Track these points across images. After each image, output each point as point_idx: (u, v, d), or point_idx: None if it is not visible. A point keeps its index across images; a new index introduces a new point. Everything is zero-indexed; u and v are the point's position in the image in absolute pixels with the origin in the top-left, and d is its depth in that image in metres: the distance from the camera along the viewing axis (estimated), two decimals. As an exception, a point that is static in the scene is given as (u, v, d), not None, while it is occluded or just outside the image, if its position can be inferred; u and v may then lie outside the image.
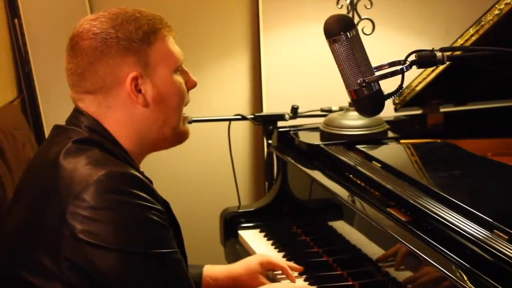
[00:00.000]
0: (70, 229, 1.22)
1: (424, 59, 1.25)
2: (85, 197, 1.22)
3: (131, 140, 1.39)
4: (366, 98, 1.27)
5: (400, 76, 1.26)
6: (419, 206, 1.52)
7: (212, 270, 1.74)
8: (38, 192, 1.31)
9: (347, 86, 1.29)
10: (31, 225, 1.29)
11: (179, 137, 1.47)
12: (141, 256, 1.24)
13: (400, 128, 2.19)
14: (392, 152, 2.01)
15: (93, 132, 1.35)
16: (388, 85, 1.31)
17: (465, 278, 1.26)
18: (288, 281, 1.73)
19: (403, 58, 1.27)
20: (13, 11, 2.50)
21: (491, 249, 1.29)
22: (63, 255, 1.22)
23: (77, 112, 1.39)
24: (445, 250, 1.36)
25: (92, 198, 1.22)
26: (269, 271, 1.78)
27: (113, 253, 1.22)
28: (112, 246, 1.21)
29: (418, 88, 2.16)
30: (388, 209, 1.59)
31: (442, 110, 2.30)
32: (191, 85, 1.47)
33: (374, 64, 1.28)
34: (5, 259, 1.33)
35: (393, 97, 1.31)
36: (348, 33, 1.25)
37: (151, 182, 1.36)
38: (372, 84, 1.26)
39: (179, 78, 1.43)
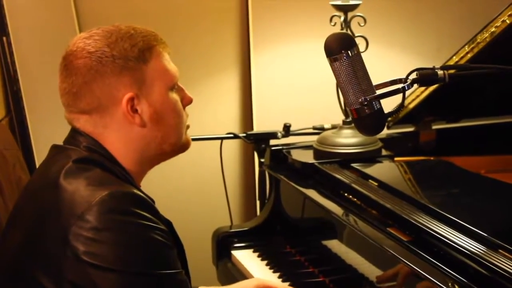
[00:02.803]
0: (73, 250, 1.20)
1: (425, 77, 1.25)
2: (88, 217, 1.20)
3: (130, 159, 1.38)
4: (367, 117, 1.26)
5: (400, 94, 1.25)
6: (417, 224, 1.52)
7: (206, 292, 1.72)
8: (37, 215, 1.28)
9: (348, 105, 1.27)
10: (30, 248, 1.26)
11: (180, 149, 1.46)
12: (145, 277, 1.22)
13: (393, 145, 2.19)
14: (387, 170, 2.01)
15: (92, 152, 1.33)
16: (384, 104, 1.29)
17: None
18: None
19: (400, 76, 1.26)
20: (1, 28, 2.47)
21: (490, 265, 1.29)
22: (65, 277, 1.20)
23: (75, 132, 1.37)
24: (444, 267, 1.36)
25: (95, 219, 1.20)
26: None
27: (116, 274, 1.20)
28: (115, 268, 1.19)
29: (411, 105, 2.16)
30: (386, 227, 1.59)
31: (434, 127, 2.30)
32: (187, 101, 1.45)
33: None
34: (4, 284, 1.30)
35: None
36: (349, 52, 1.24)
37: (153, 201, 1.34)
38: (373, 102, 1.25)
39: (175, 96, 1.41)
